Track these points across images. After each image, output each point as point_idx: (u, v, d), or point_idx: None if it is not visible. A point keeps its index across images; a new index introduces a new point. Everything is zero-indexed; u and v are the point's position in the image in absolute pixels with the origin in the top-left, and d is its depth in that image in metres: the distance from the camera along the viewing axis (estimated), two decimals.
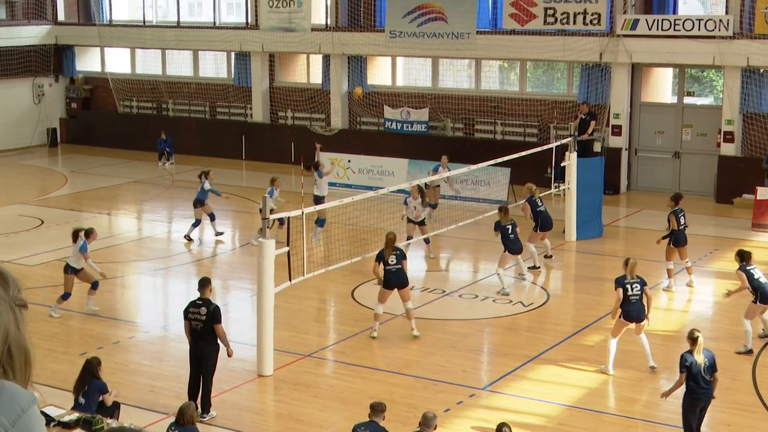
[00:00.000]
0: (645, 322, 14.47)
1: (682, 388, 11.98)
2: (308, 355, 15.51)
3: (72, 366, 13.61)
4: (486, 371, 15.15)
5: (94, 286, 17.33)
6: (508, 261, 18.86)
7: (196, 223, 22.77)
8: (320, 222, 21.76)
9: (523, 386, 14.16)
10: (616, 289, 14.53)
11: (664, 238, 18.97)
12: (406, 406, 13.20)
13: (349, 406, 13.31)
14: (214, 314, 13.05)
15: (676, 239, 18.71)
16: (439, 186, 24.69)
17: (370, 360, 15.26)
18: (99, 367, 12.12)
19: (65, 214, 25.58)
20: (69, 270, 17.11)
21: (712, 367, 11.78)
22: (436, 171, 23.71)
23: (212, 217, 22.82)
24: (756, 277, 15.28)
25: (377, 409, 10.94)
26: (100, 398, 12.01)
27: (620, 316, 14.51)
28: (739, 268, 15.47)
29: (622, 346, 15.71)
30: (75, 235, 17.21)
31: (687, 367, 11.70)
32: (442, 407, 13.22)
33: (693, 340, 11.85)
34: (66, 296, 17.15)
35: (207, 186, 22.77)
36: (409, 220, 20.66)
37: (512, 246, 18.50)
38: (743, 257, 15.47)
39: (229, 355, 13.37)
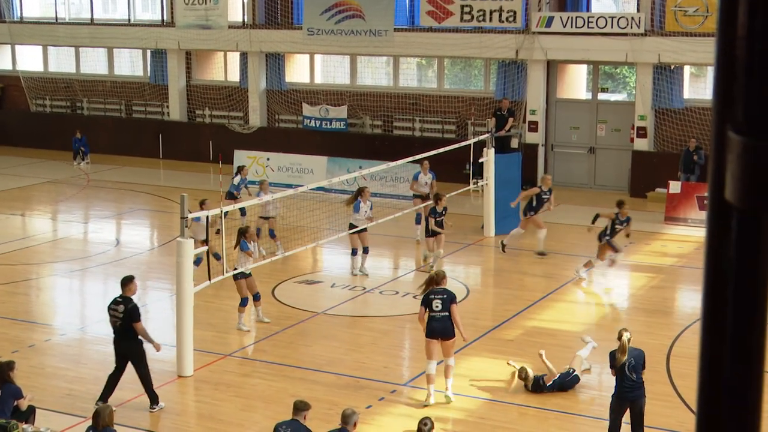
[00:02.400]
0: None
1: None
2: (229, 354, 15.42)
3: None
4: (407, 367, 15.23)
5: (257, 297, 16.63)
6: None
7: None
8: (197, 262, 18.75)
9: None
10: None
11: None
12: (328, 404, 13.20)
13: (271, 405, 13.28)
14: (131, 313, 13.07)
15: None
16: (427, 197, 21.66)
17: (291, 358, 15.23)
18: (11, 371, 11.90)
19: None
20: (238, 276, 16.07)
21: (639, 366, 11.58)
22: (416, 179, 22.26)
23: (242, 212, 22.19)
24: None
25: (299, 407, 10.93)
26: (15, 403, 11.79)
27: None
28: None
29: (541, 339, 15.93)
30: (238, 237, 16.26)
31: (613, 364, 11.66)
32: (364, 404, 13.26)
33: (618, 339, 11.78)
34: (245, 302, 16.40)
35: (236, 181, 22.35)
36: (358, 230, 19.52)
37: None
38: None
39: (157, 350, 13.33)
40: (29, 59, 36.61)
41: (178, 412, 13.51)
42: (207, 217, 15.24)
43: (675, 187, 24.08)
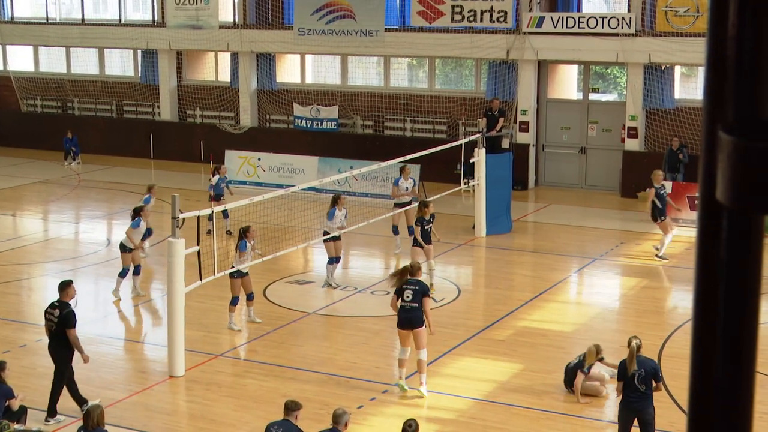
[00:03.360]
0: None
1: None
2: (220, 354, 15.41)
3: None
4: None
5: (250, 297, 16.69)
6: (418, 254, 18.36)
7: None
8: (123, 273, 18.42)
9: (435, 381, 14.26)
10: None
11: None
12: (320, 404, 13.20)
13: (263, 405, 13.27)
14: (66, 318, 12.92)
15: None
16: (410, 204, 21.21)
17: (282, 358, 15.22)
18: (2, 371, 11.88)
19: None
20: (234, 274, 16.17)
21: (650, 377, 11.27)
22: (396, 185, 21.55)
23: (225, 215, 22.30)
24: None
25: (290, 407, 10.93)
26: (6, 403, 11.77)
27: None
28: None
29: (532, 340, 15.95)
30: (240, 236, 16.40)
31: (622, 375, 11.41)
32: (356, 404, 13.25)
33: (627, 346, 11.46)
34: (236, 300, 16.43)
35: (214, 180, 22.51)
36: (334, 239, 18.70)
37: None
38: None
39: (85, 361, 13.06)
40: (20, 59, 36.51)
41: (169, 412, 13.50)
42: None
43: (666, 187, 24.07)
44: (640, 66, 26.39)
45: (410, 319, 13.59)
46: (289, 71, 32.03)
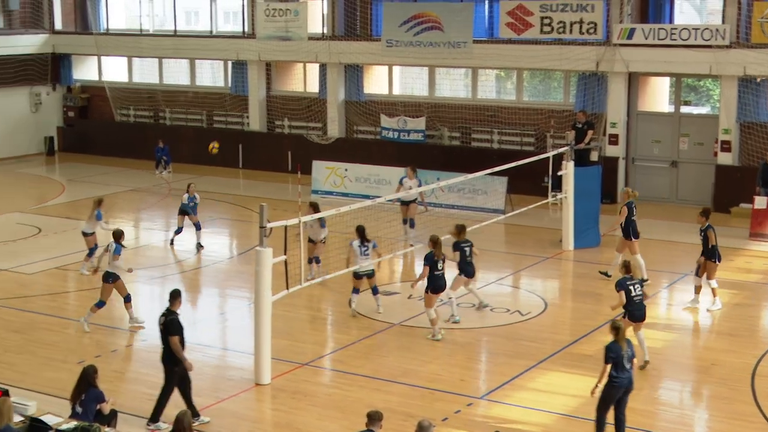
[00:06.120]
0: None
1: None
2: (306, 363, 15.49)
3: (70, 374, 13.59)
4: (484, 380, 15.13)
5: (127, 299, 17.51)
6: (461, 284, 17.95)
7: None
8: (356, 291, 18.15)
9: (521, 395, 14.15)
10: (618, 292, 15.00)
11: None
12: (403, 415, 13.18)
13: (347, 415, 13.30)
14: (169, 325, 13.04)
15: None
16: (414, 202, 23.13)
17: (367, 368, 15.24)
18: (95, 376, 12.09)
19: (62, 223, 25.54)
20: (110, 279, 17.35)
21: (633, 356, 12.37)
22: (401, 183, 23.19)
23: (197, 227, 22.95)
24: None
25: (374, 417, 10.91)
26: (98, 407, 11.99)
27: (624, 316, 14.96)
28: None
29: None
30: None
31: (612, 358, 12.15)
32: (440, 416, 13.20)
33: (616, 329, 12.36)
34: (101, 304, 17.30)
35: (185, 199, 23.06)
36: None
37: (467, 269, 17.79)
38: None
39: (188, 369, 13.06)
40: (114, 70, 37.31)
41: (255, 420, 13.61)
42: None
43: (760, 202, 23.57)
44: (734, 78, 25.88)
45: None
46: (376, 82, 32.15)
